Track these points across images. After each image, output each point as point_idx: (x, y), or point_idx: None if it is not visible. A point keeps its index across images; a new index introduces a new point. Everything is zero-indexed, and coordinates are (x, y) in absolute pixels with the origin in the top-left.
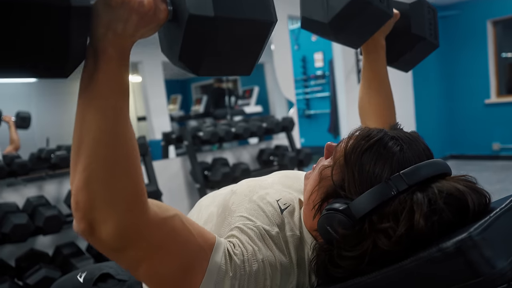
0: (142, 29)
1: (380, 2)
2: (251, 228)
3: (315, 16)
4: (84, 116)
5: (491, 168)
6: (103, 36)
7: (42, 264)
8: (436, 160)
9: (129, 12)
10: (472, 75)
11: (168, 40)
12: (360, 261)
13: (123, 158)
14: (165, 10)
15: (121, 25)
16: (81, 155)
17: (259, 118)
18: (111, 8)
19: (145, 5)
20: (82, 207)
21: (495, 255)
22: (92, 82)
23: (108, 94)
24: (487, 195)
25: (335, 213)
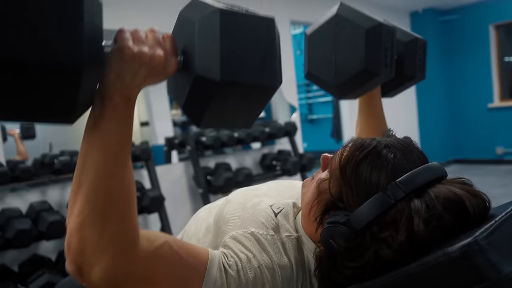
0: (150, 80)
1: (385, 68)
2: (245, 236)
3: (322, 75)
4: (85, 159)
5: (495, 173)
6: (112, 85)
7: (45, 269)
8: (430, 164)
9: (140, 65)
10: (475, 79)
11: (175, 86)
12: (363, 270)
13: (119, 204)
14: (174, 65)
15: (130, 76)
16: (78, 198)
17: (262, 123)
18: (123, 61)
19: (156, 59)
20: (73, 249)
21: (501, 259)
22: (97, 127)
23: (111, 141)
24: (485, 198)
25: (336, 226)
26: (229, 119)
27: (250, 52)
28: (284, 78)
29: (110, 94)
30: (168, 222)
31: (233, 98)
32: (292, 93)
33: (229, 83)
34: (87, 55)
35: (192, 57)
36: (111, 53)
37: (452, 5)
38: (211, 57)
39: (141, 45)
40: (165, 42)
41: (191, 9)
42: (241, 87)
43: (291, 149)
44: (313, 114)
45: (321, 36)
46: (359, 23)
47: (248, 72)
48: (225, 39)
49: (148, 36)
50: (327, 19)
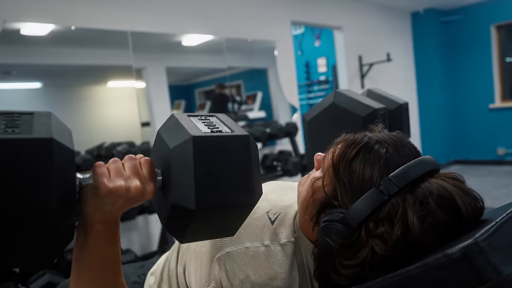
0: (130, 206)
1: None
2: (239, 253)
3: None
4: (76, 286)
5: (496, 173)
6: (91, 216)
7: (45, 269)
8: (423, 158)
9: (116, 198)
10: (476, 80)
11: (158, 202)
12: (361, 269)
13: None
14: (151, 192)
15: (108, 207)
16: None
17: (263, 123)
18: (99, 197)
19: (131, 191)
20: None
21: (502, 261)
22: (83, 255)
23: (97, 266)
24: (477, 196)
25: (332, 224)
26: (210, 234)
27: (225, 176)
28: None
29: (90, 224)
30: None
31: (211, 220)
32: (293, 93)
33: (205, 209)
34: (58, 209)
35: (169, 182)
36: (87, 190)
37: (453, 5)
38: (186, 185)
39: (117, 179)
40: (142, 169)
41: (167, 130)
42: (218, 211)
43: (292, 149)
44: None
45: (321, 122)
46: (355, 112)
47: (223, 196)
48: (199, 168)
49: (125, 166)
50: (324, 108)
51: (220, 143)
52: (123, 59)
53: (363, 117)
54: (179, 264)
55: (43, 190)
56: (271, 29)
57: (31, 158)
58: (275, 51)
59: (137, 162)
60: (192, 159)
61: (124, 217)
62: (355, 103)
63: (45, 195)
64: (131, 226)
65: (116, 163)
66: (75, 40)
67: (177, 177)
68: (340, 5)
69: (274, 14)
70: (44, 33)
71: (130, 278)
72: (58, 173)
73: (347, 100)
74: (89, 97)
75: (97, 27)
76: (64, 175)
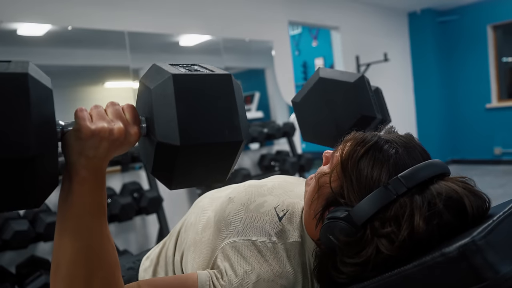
0: (114, 151)
1: (378, 113)
2: (246, 245)
3: (323, 132)
4: (60, 239)
5: (493, 173)
6: (76, 161)
7: (42, 271)
8: (433, 160)
9: (100, 141)
10: (472, 80)
11: (144, 151)
12: (363, 268)
13: (98, 274)
14: (135, 134)
15: (92, 151)
16: (57, 277)
17: (260, 123)
18: (82, 139)
19: (115, 133)
20: None
21: (499, 259)
22: (67, 203)
23: (82, 215)
24: (486, 199)
25: (336, 221)
26: (200, 178)
27: (208, 113)
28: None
29: (75, 170)
30: (166, 223)
31: (198, 159)
32: (290, 93)
33: (190, 146)
34: (36, 145)
35: (152, 124)
36: (70, 134)
37: (450, 5)
38: (169, 123)
39: (99, 121)
40: (125, 113)
41: (150, 75)
42: (204, 148)
43: (290, 149)
44: None
45: (311, 100)
46: (345, 80)
47: (208, 133)
48: (181, 104)
49: (107, 111)
50: (312, 85)
51: (201, 80)
52: (120, 60)
53: (353, 83)
54: (177, 252)
55: (21, 127)
56: (268, 29)
57: (6, 92)
58: (273, 51)
59: (119, 107)
60: (173, 94)
61: (121, 217)
62: (340, 73)
63: (23, 132)
64: (129, 227)
65: (97, 108)
66: (72, 40)
67: (160, 116)
68: (338, 6)
69: (271, 14)
70: (40, 34)
71: (124, 265)
72: (36, 109)
73: (332, 73)
74: (86, 97)
75: (94, 27)
76: (43, 113)
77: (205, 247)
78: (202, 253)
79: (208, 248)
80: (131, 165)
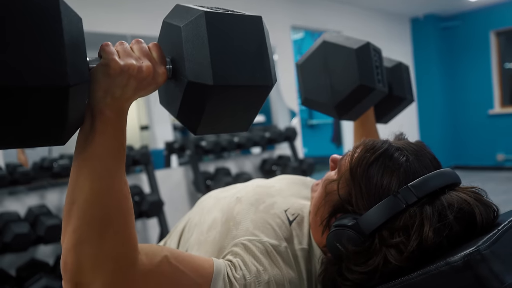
0: (141, 91)
1: (379, 83)
2: (257, 245)
3: (320, 98)
4: (78, 176)
5: (496, 179)
6: (101, 100)
7: (42, 273)
8: (444, 170)
9: (128, 78)
10: (475, 86)
11: (167, 96)
12: (370, 276)
13: (114, 219)
14: (163, 74)
15: (119, 90)
16: (72, 216)
17: (262, 127)
18: (110, 76)
19: (143, 71)
20: (69, 269)
21: (504, 269)
22: (88, 143)
23: (103, 155)
24: (495, 209)
25: (343, 229)
26: (225, 123)
27: (240, 53)
28: (284, 83)
29: (100, 109)
30: (167, 226)
31: (228, 102)
32: (292, 98)
33: (222, 86)
34: (72, 74)
35: (181, 65)
36: (97, 69)
37: (453, 11)
38: (201, 62)
39: (127, 57)
40: (151, 52)
41: (175, 15)
42: (235, 89)
43: (291, 154)
44: (313, 119)
45: (313, 63)
46: (347, 45)
47: (240, 74)
48: (214, 42)
49: (133, 48)
50: (316, 48)
51: (233, 20)
52: None
53: (355, 49)
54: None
55: (57, 53)
56: (270, 33)
57: (37, 16)
58: (275, 55)
59: (145, 45)
60: (206, 32)
61: None
62: (346, 39)
63: (60, 59)
64: None
65: (123, 45)
66: None
67: (191, 55)
68: (340, 10)
69: (273, 18)
70: None
71: None
72: (68, 36)
73: (338, 38)
74: None
75: (96, 31)
76: (75, 41)
77: (211, 247)
78: (208, 253)
79: (214, 247)
80: (132, 168)
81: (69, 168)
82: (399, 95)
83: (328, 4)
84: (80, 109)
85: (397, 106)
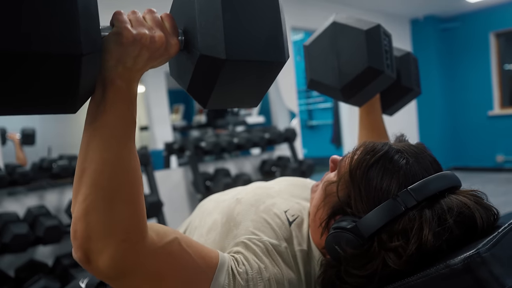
0: (153, 62)
1: (387, 68)
2: (257, 244)
3: (326, 80)
4: (88, 145)
5: (495, 181)
6: (113, 69)
7: (41, 274)
8: (444, 173)
9: (140, 48)
10: (475, 87)
11: (178, 68)
12: (369, 280)
13: (124, 189)
14: (176, 45)
15: (131, 60)
16: (82, 185)
17: (262, 128)
18: (122, 45)
19: (156, 41)
20: (79, 236)
21: (505, 272)
22: (99, 112)
23: (114, 125)
24: (495, 212)
25: (342, 232)
26: (236, 98)
27: (254, 28)
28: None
29: (111, 79)
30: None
31: (239, 77)
32: (292, 99)
33: (235, 61)
34: (85, 43)
35: (194, 37)
36: (109, 38)
37: (452, 12)
38: (215, 35)
39: (140, 27)
40: (164, 22)
41: None
42: (247, 64)
43: (291, 155)
44: (313, 120)
45: (321, 44)
46: (358, 27)
47: (253, 48)
48: (228, 15)
49: (146, 18)
50: (324, 29)
51: None
52: None
53: (365, 31)
54: None
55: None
56: None
57: None
58: None
59: (158, 15)
60: (220, 6)
61: None
62: (356, 21)
63: (74, 26)
64: None
65: (135, 14)
66: None
67: (204, 27)
68: (340, 11)
69: None
70: None
71: None
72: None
73: (348, 19)
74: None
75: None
76: (87, 8)
77: (211, 246)
78: None
79: (215, 248)
80: None
81: (68, 169)
82: (406, 85)
83: (328, 5)
84: (92, 78)
85: (403, 97)
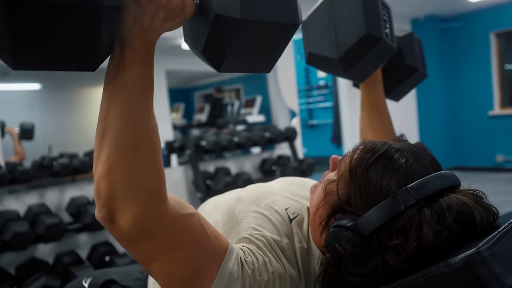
0: (169, 23)
1: (387, 37)
2: (260, 239)
3: (324, 52)
4: (108, 106)
5: (495, 180)
6: (130, 29)
7: (42, 272)
8: (444, 172)
9: (157, 8)
10: (475, 87)
11: (192, 32)
12: (369, 278)
13: (144, 149)
14: (192, 6)
15: (148, 20)
16: (104, 145)
17: (262, 127)
18: (140, 4)
19: (173, 1)
20: (103, 195)
21: (505, 271)
22: (118, 73)
23: (133, 85)
24: (494, 211)
25: (342, 230)
26: (249, 62)
27: None
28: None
29: (129, 39)
30: None
31: (254, 38)
32: (292, 98)
33: (250, 21)
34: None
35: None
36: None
37: (453, 12)
38: None
39: None
40: None
41: None
42: (262, 25)
43: (291, 154)
44: (313, 119)
45: (318, 18)
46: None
47: (268, 10)
48: None
49: None
50: (321, 2)
51: None
52: None
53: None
54: None
55: None
56: None
57: None
58: None
59: None
60: None
61: None
62: None
63: None
64: None
65: None
66: None
67: None
68: None
69: None
70: None
71: (132, 275)
72: None
73: None
74: (88, 99)
75: None
76: None
77: None
78: None
79: None
80: None
81: (69, 167)
82: (410, 64)
83: None
84: (111, 35)
85: (407, 78)
